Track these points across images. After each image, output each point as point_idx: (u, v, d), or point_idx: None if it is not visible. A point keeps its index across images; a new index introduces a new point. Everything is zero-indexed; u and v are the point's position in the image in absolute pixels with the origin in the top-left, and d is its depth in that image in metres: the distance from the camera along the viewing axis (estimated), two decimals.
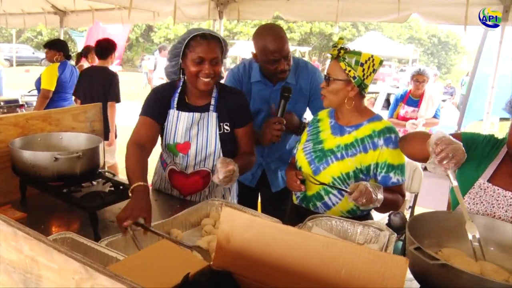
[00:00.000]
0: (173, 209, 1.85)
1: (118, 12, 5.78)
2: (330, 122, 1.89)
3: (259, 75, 2.21)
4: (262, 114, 2.26)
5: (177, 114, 1.86)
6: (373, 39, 19.20)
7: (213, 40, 1.75)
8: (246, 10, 5.30)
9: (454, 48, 37.16)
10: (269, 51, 2.05)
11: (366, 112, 1.83)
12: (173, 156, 1.91)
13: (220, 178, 1.65)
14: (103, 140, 1.93)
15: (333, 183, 1.79)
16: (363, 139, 1.76)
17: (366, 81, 1.73)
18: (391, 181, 1.74)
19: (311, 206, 1.88)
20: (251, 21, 23.51)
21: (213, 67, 1.76)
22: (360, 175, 1.76)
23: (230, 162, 1.68)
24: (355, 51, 1.72)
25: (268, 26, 2.15)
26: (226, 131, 1.88)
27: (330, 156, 1.79)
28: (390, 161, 1.73)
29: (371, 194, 1.58)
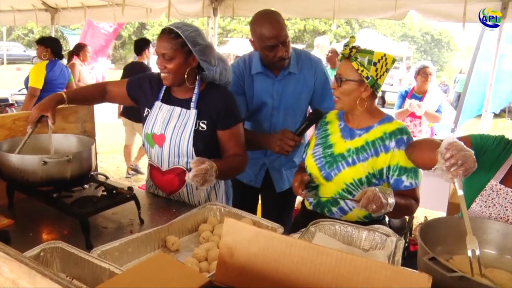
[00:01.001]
0: (169, 213, 1.77)
1: (110, 9, 5.68)
2: (340, 125, 1.82)
3: (260, 66, 2.14)
4: (266, 107, 2.18)
5: (160, 105, 1.87)
6: (368, 37, 19.16)
7: (166, 35, 1.72)
8: (241, 7, 5.22)
9: (447, 46, 37.30)
10: (266, 37, 1.98)
11: (377, 114, 1.75)
12: (150, 149, 1.88)
13: (190, 176, 1.58)
14: (95, 141, 1.84)
15: (346, 190, 1.72)
16: (374, 142, 1.68)
17: (379, 81, 1.65)
18: (403, 185, 1.65)
19: (326, 211, 1.80)
20: (244, 19, 23.40)
21: (165, 63, 1.73)
22: (373, 180, 1.68)
23: (205, 161, 1.62)
24: (367, 50, 1.65)
25: (265, 12, 2.08)
26: (201, 128, 1.82)
27: (341, 162, 1.72)
28: (403, 163, 1.64)
29: (381, 199, 1.48)
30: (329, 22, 26.57)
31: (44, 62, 4.40)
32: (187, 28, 1.75)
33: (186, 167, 1.84)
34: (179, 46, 1.72)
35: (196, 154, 1.80)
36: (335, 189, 1.75)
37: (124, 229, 1.61)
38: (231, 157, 1.86)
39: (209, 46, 1.80)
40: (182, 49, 1.73)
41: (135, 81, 1.97)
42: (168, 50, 1.72)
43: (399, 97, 4.39)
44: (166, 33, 1.74)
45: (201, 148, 1.80)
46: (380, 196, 1.48)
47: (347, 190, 1.72)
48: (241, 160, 1.88)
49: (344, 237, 1.54)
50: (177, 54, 1.73)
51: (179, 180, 1.86)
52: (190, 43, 1.73)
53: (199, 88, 1.84)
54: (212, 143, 1.86)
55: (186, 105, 1.83)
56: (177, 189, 1.89)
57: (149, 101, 1.90)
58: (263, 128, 2.22)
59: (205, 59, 1.78)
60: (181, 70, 1.76)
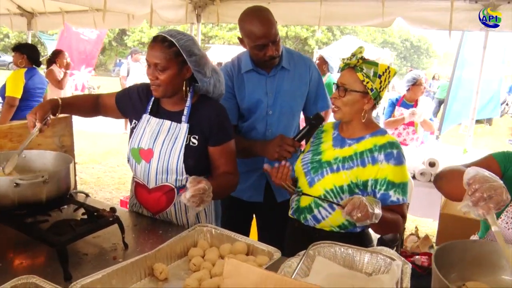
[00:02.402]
0: (155, 235, 1.65)
1: (90, 14, 5.49)
2: (333, 134, 1.78)
3: (250, 63, 2.04)
4: (260, 106, 2.07)
5: (148, 118, 1.75)
6: (349, 43, 19.31)
7: (159, 43, 1.61)
8: (226, 13, 5.12)
9: (426, 52, 38.08)
10: (256, 36, 1.89)
11: (371, 125, 1.71)
12: (135, 164, 1.75)
13: (187, 197, 1.43)
14: (73, 158, 1.70)
15: (324, 196, 1.65)
16: (363, 153, 1.65)
17: (381, 94, 1.63)
18: (390, 200, 1.60)
19: (302, 218, 1.76)
20: (226, 25, 23.31)
21: (158, 73, 1.62)
22: (355, 190, 1.63)
23: (202, 180, 1.49)
24: (372, 61, 1.61)
25: (254, 8, 1.97)
26: (192, 144, 1.70)
27: (326, 168, 1.68)
28: (391, 178, 1.59)
29: (367, 207, 1.41)
30: (311, 28, 26.76)
31: (22, 70, 4.22)
32: (182, 36, 1.63)
33: (175, 185, 1.71)
34: (173, 56, 1.61)
35: (186, 171, 1.68)
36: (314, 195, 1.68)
37: (106, 255, 1.48)
38: (223, 175, 1.74)
39: (205, 57, 1.69)
40: (176, 59, 1.62)
41: (124, 92, 1.87)
42: (161, 60, 1.60)
43: (389, 105, 4.34)
44: (159, 41, 1.62)
45: (191, 165, 1.69)
46: (367, 205, 1.42)
47: (324, 198, 1.65)
48: (232, 179, 1.77)
49: (345, 260, 1.44)
50: (171, 65, 1.61)
51: (167, 199, 1.74)
52: (185, 53, 1.62)
53: (191, 100, 1.72)
54: (203, 159, 1.74)
55: (177, 119, 1.71)
56: (164, 208, 1.76)
57: (137, 113, 1.79)
58: (257, 129, 2.11)
59: (200, 70, 1.67)
60: (174, 81, 1.65)
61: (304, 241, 1.45)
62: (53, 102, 1.69)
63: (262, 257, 1.41)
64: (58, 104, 1.69)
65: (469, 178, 1.18)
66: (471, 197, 1.14)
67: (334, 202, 1.59)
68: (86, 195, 1.98)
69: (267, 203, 2.17)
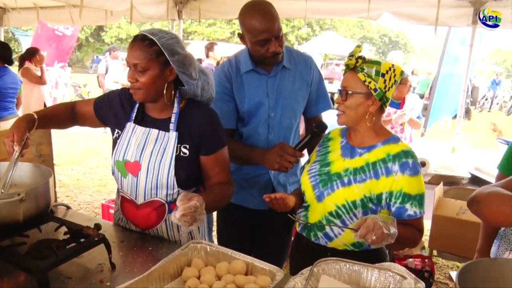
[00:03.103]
0: (145, 253, 1.52)
1: (66, 10, 5.26)
2: (341, 142, 1.65)
3: (250, 63, 1.91)
4: (262, 108, 1.94)
5: (133, 127, 1.61)
6: (329, 39, 19.37)
7: (139, 42, 1.48)
8: (208, 9, 4.99)
9: (404, 47, 38.56)
10: (258, 31, 1.76)
11: (382, 132, 1.58)
12: (121, 178, 1.61)
13: (177, 217, 1.31)
14: (53, 171, 1.56)
15: (335, 213, 1.54)
16: (375, 164, 1.51)
17: (387, 94, 1.50)
18: (406, 214, 1.49)
19: (312, 236, 1.63)
20: (205, 20, 23.00)
21: (137, 75, 1.49)
22: (369, 204, 1.51)
23: (193, 197, 1.37)
24: (374, 60, 1.49)
25: (255, 1, 1.83)
26: (183, 154, 1.57)
27: (336, 181, 1.55)
28: (407, 190, 1.47)
29: (382, 229, 1.31)
30: (290, 24, 26.68)
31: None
32: (163, 35, 1.49)
33: (166, 200, 1.58)
34: (154, 56, 1.47)
35: (178, 184, 1.55)
36: (324, 211, 1.58)
37: (92, 277, 1.34)
38: (217, 187, 1.62)
39: (189, 56, 1.55)
40: (158, 59, 1.48)
41: (104, 99, 1.71)
42: (141, 60, 1.46)
43: None
44: (138, 40, 1.49)
45: (183, 177, 1.56)
46: (382, 226, 1.30)
47: (336, 214, 1.54)
48: (226, 190, 1.64)
49: (351, 277, 1.34)
50: (152, 65, 1.48)
51: (157, 215, 1.60)
52: (167, 52, 1.48)
53: (179, 106, 1.59)
54: (195, 170, 1.62)
55: (165, 127, 1.57)
56: (154, 225, 1.63)
57: (120, 122, 1.63)
58: (260, 133, 1.97)
59: (184, 71, 1.53)
60: (156, 84, 1.51)
61: (313, 260, 1.35)
62: (28, 118, 1.51)
63: (263, 277, 1.30)
64: (33, 119, 1.52)
65: None
66: None
67: (344, 226, 1.50)
68: (67, 207, 1.83)
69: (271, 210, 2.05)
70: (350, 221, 1.53)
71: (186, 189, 1.60)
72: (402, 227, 1.42)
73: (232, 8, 4.80)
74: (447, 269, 3.70)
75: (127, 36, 25.05)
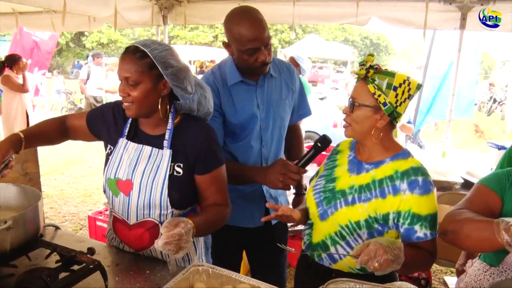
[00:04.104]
0: (142, 276, 1.43)
1: (47, 16, 5.11)
2: (349, 156, 1.56)
3: (237, 74, 1.81)
4: (254, 121, 1.85)
5: (125, 143, 1.52)
6: (312, 42, 19.43)
7: (130, 55, 1.41)
8: (194, 14, 4.91)
9: (385, 50, 39.05)
10: (247, 39, 1.66)
11: (391, 147, 1.48)
12: (113, 197, 1.52)
13: (160, 244, 1.23)
14: (41, 192, 1.46)
15: (339, 233, 1.47)
16: (382, 181, 1.42)
17: (399, 109, 1.39)
18: (415, 236, 1.37)
19: (316, 256, 1.55)
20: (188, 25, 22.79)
21: (129, 89, 1.41)
22: (375, 225, 1.42)
23: (179, 222, 1.29)
24: (387, 71, 1.39)
25: (243, 9, 1.75)
26: (177, 173, 1.49)
27: (339, 199, 1.47)
28: (416, 210, 1.36)
29: (385, 255, 1.19)
30: (273, 27, 26.65)
31: None
32: (156, 46, 1.42)
33: (159, 220, 1.50)
34: (146, 68, 1.39)
35: (172, 205, 1.47)
36: (328, 231, 1.50)
37: None
38: (211, 208, 1.53)
39: (184, 69, 1.47)
40: (150, 72, 1.40)
41: (97, 112, 1.62)
42: (132, 74, 1.39)
43: None
44: (129, 53, 1.41)
45: (176, 198, 1.48)
46: (384, 252, 1.19)
47: (340, 235, 1.47)
48: (222, 211, 1.55)
49: None
50: (144, 78, 1.40)
51: (150, 236, 1.51)
52: (160, 65, 1.40)
53: (173, 121, 1.51)
54: (190, 190, 1.53)
55: (158, 144, 1.49)
56: (147, 246, 1.54)
57: (112, 137, 1.55)
58: (253, 147, 1.88)
59: (179, 85, 1.45)
60: (149, 98, 1.43)
61: (318, 281, 1.29)
62: (13, 139, 1.43)
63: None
64: (20, 138, 1.44)
65: (505, 226, 1.09)
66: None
67: (344, 254, 1.43)
68: (56, 227, 1.73)
69: (266, 228, 1.96)
70: (355, 243, 1.45)
71: (181, 209, 1.53)
72: (411, 251, 1.34)
73: (217, 13, 4.73)
74: (441, 274, 3.68)
75: (109, 41, 24.74)
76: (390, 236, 1.43)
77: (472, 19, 3.87)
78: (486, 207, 1.35)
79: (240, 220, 1.90)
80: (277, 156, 1.96)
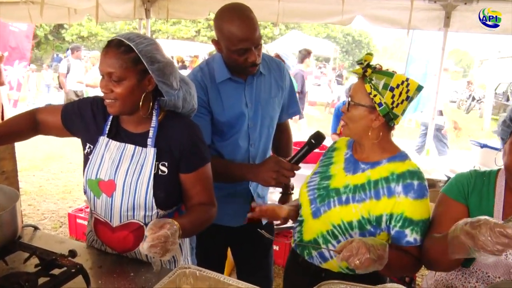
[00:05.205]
0: (126, 279, 1.38)
1: (24, 7, 4.93)
2: (346, 154, 1.54)
3: (226, 71, 1.75)
4: (242, 119, 1.80)
5: (107, 142, 1.45)
6: (295, 38, 19.42)
7: (114, 49, 1.33)
8: (176, 8, 4.83)
9: (367, 47, 39.35)
10: (238, 39, 1.61)
11: (389, 148, 1.46)
12: (94, 199, 1.46)
13: (145, 248, 1.18)
14: (18, 188, 1.39)
15: (331, 232, 1.45)
16: (377, 182, 1.41)
17: (395, 110, 1.37)
18: (405, 240, 1.37)
19: (306, 254, 1.53)
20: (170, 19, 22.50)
21: (112, 85, 1.34)
22: (367, 226, 1.40)
23: (164, 224, 1.24)
24: (386, 71, 1.37)
25: (234, 6, 1.68)
26: (161, 173, 1.44)
27: (333, 198, 1.45)
28: (408, 214, 1.35)
29: (367, 254, 1.18)
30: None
31: None
32: (141, 40, 1.35)
33: (144, 221, 1.45)
34: (131, 64, 1.33)
35: (157, 205, 1.42)
36: (320, 229, 1.48)
37: None
38: (197, 208, 1.49)
39: (170, 64, 1.41)
40: (135, 68, 1.34)
41: (73, 107, 1.54)
42: (117, 69, 1.32)
43: (334, 116, 4.22)
44: (113, 46, 1.34)
45: (162, 198, 1.43)
46: (367, 250, 1.18)
47: (332, 234, 1.45)
48: (208, 211, 1.50)
49: None
50: (129, 74, 1.33)
51: (135, 238, 1.46)
52: (146, 60, 1.34)
53: (157, 118, 1.45)
54: (175, 189, 1.49)
55: (142, 142, 1.43)
56: (132, 248, 1.49)
57: (92, 136, 1.48)
58: (241, 146, 1.83)
59: (165, 81, 1.39)
60: (133, 95, 1.37)
61: (307, 280, 1.26)
62: None
63: None
64: None
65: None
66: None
67: (327, 248, 1.42)
68: (34, 228, 1.66)
69: (252, 226, 1.93)
70: None
71: (166, 209, 1.48)
72: (397, 254, 1.33)
73: (201, 8, 4.67)
74: (424, 270, 3.71)
75: (89, 34, 24.24)
76: (381, 239, 1.42)
77: (456, 19, 3.90)
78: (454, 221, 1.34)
79: (224, 219, 1.85)
80: (265, 155, 1.92)
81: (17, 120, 1.56)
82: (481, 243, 1.05)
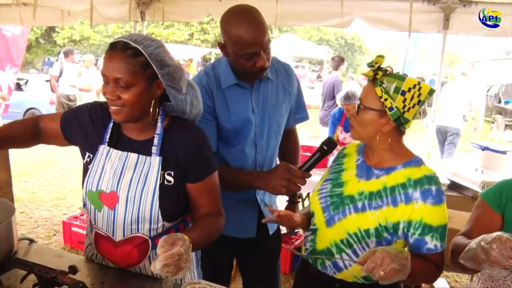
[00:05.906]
0: None
1: (15, 9, 4.83)
2: (357, 160, 1.48)
3: (233, 76, 1.68)
4: (248, 126, 1.72)
5: (107, 151, 1.36)
6: (289, 41, 19.44)
7: (119, 52, 1.23)
8: (172, 11, 4.75)
9: (359, 50, 39.56)
10: (246, 43, 1.53)
11: (403, 153, 1.41)
12: (95, 212, 1.37)
13: (158, 268, 1.07)
14: (12, 200, 1.30)
15: (346, 241, 1.39)
16: (394, 189, 1.35)
17: (406, 115, 1.32)
18: (426, 247, 1.32)
19: (319, 264, 1.47)
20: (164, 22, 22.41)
21: (120, 91, 1.25)
22: (384, 234, 1.35)
23: (176, 240, 1.14)
24: (398, 74, 1.32)
25: (242, 8, 1.59)
26: (167, 182, 1.36)
27: (348, 205, 1.39)
28: (428, 220, 1.31)
29: (392, 264, 1.13)
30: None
31: None
32: (149, 42, 1.26)
33: (149, 235, 1.36)
34: (140, 68, 1.24)
35: (163, 217, 1.34)
36: (334, 238, 1.42)
37: None
38: (205, 219, 1.39)
39: (179, 68, 1.33)
40: (144, 72, 1.25)
41: (72, 115, 1.44)
42: (124, 74, 1.22)
43: (331, 123, 4.17)
44: (119, 50, 1.23)
45: (169, 209, 1.35)
46: (391, 260, 1.13)
47: (347, 242, 1.39)
48: (216, 222, 1.42)
49: None
50: (137, 79, 1.24)
51: (139, 252, 1.38)
52: (155, 64, 1.25)
53: (163, 125, 1.37)
54: (182, 200, 1.41)
55: (145, 150, 1.35)
56: (136, 263, 1.40)
57: (92, 144, 1.39)
58: (247, 154, 1.76)
59: (174, 86, 1.31)
60: (142, 101, 1.27)
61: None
62: None
63: None
64: None
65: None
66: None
67: (350, 259, 1.36)
68: (30, 241, 1.57)
69: (259, 237, 1.85)
70: (361, 251, 1.37)
71: (172, 221, 1.40)
72: (418, 262, 1.28)
73: (197, 10, 4.60)
74: None
75: (81, 37, 24.02)
76: (398, 246, 1.36)
77: (455, 21, 3.88)
78: (485, 229, 1.30)
79: (230, 230, 1.77)
80: (271, 163, 1.85)
81: (18, 127, 1.47)
82: (493, 258, 1.07)
